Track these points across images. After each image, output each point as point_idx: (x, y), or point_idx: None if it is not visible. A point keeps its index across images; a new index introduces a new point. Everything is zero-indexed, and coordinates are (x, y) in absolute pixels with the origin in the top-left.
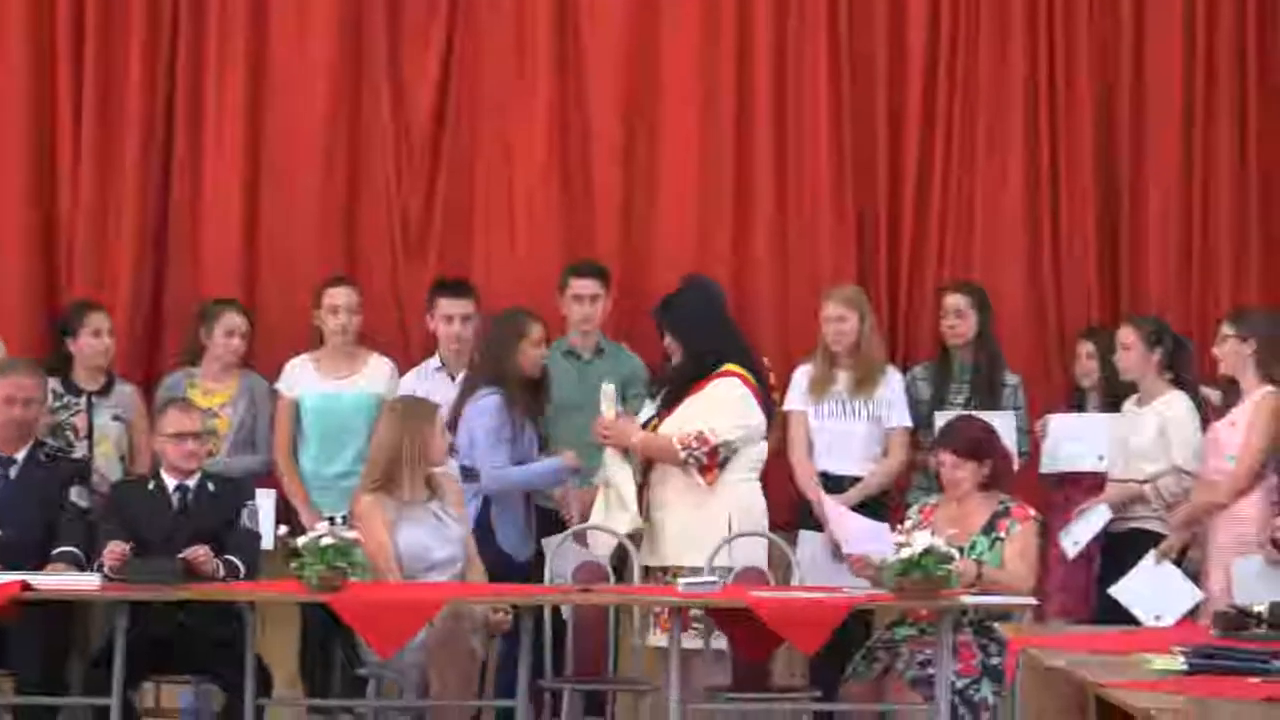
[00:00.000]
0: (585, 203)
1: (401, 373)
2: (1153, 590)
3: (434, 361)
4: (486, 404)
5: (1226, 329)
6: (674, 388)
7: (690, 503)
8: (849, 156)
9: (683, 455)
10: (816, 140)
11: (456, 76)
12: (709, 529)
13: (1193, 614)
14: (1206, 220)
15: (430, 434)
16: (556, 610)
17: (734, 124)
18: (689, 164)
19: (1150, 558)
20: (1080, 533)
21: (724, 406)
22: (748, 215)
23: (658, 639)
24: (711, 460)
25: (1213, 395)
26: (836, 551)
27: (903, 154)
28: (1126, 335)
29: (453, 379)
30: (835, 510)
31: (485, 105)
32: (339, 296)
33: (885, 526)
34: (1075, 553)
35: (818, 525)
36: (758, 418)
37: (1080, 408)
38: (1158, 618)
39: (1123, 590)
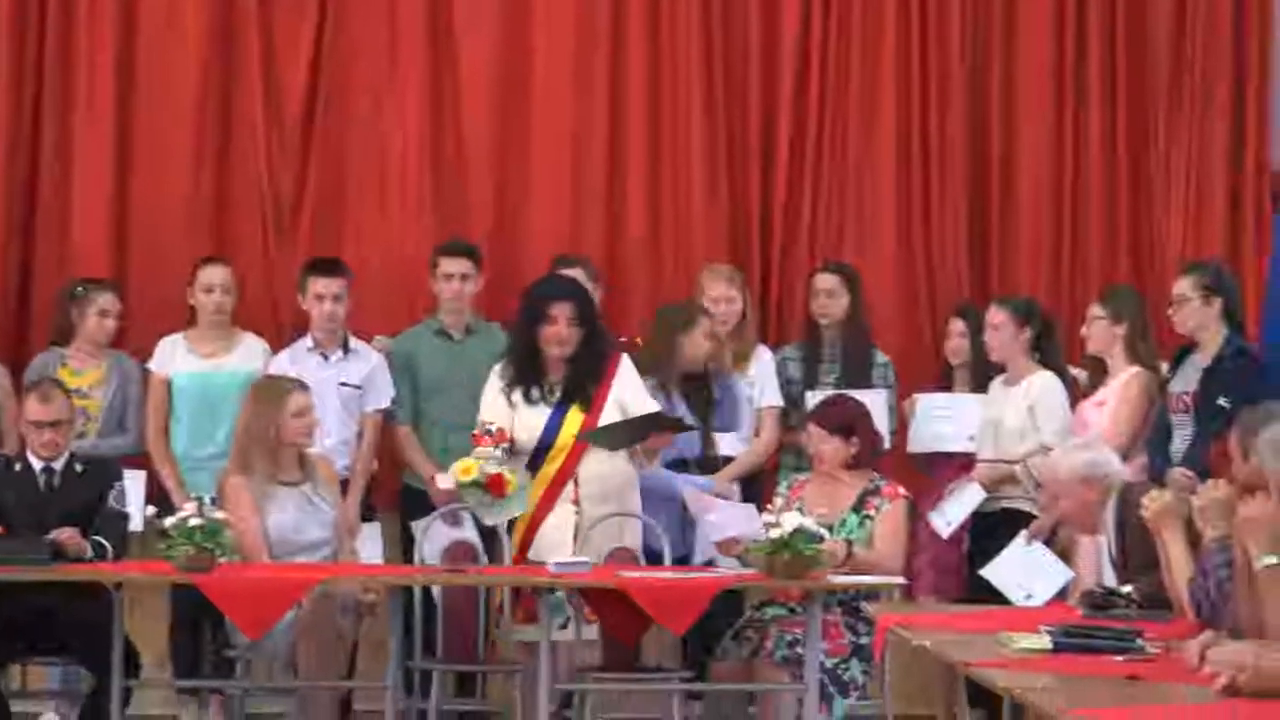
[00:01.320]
0: (458, 183)
1: (274, 353)
2: (1024, 570)
3: (306, 341)
4: None
5: (1097, 310)
6: (588, 380)
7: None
8: (722, 137)
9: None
10: (689, 121)
11: (329, 56)
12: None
13: (1062, 593)
14: (1076, 201)
15: (282, 415)
16: (427, 591)
17: (607, 104)
18: (562, 144)
19: (1021, 538)
20: (953, 512)
21: (643, 390)
22: (621, 196)
23: (522, 632)
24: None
25: (1080, 376)
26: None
27: (775, 134)
28: (995, 315)
29: (325, 359)
30: (699, 500)
31: (357, 85)
32: (214, 275)
33: (751, 509)
34: (949, 532)
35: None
36: None
37: (949, 386)
38: (1028, 597)
39: (994, 571)
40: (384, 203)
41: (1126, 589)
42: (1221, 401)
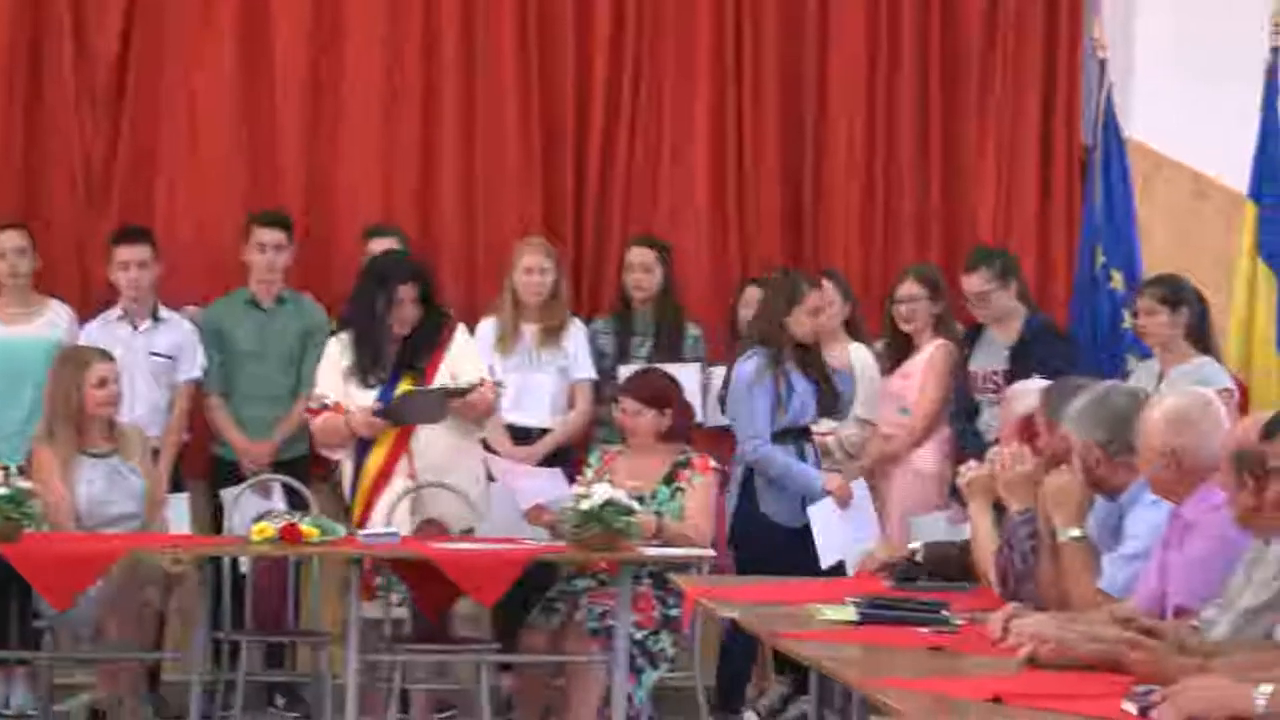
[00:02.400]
0: (269, 153)
1: (85, 321)
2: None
3: (116, 310)
4: (746, 366)
5: (912, 286)
6: (421, 352)
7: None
8: (536, 109)
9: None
10: (502, 92)
11: (140, 23)
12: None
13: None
14: (889, 176)
15: (84, 384)
16: (235, 562)
17: (420, 73)
18: (374, 113)
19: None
20: (840, 543)
21: (474, 352)
22: (434, 166)
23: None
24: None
25: (885, 348)
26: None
27: (589, 107)
28: (829, 290)
29: (134, 328)
30: (504, 467)
31: (168, 53)
32: (7, 240)
33: (558, 471)
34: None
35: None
36: None
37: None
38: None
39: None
40: (195, 171)
41: (912, 545)
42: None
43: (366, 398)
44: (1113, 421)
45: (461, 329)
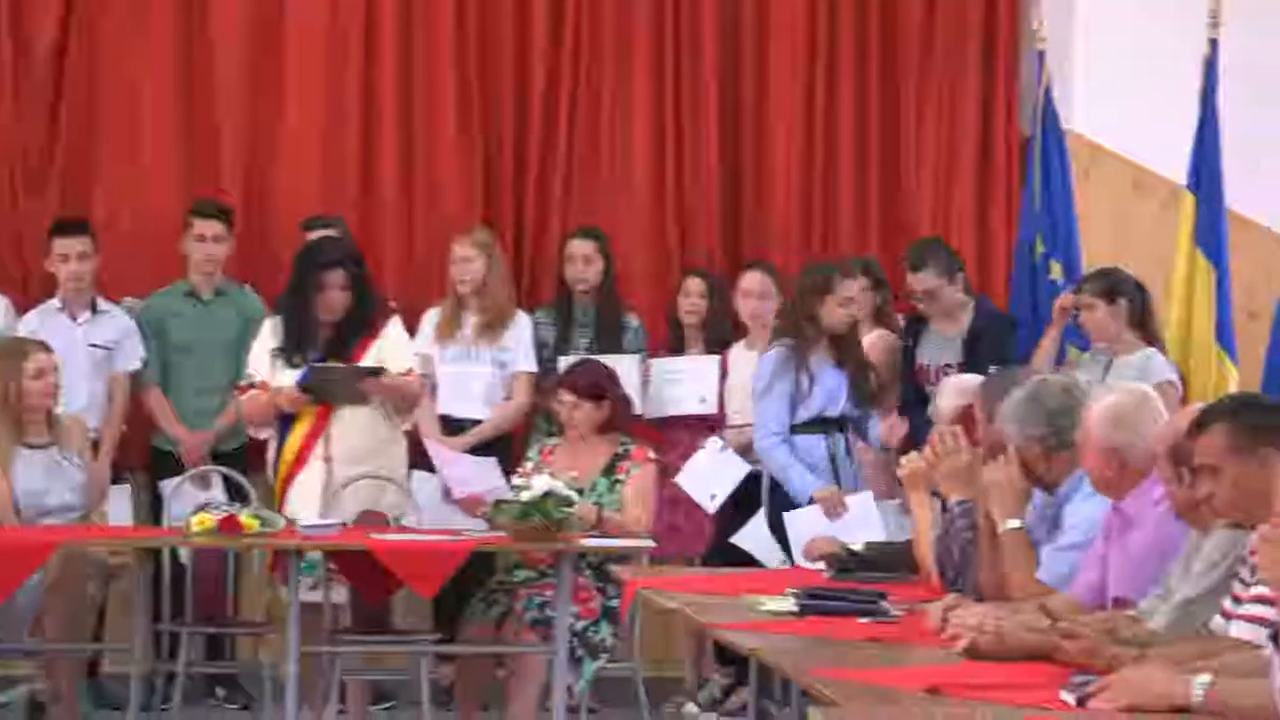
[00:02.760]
0: (208, 144)
1: (25, 311)
2: (710, 471)
3: (55, 302)
4: (767, 357)
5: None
6: (350, 340)
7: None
8: (476, 101)
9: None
10: (442, 83)
11: (78, 13)
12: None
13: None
14: (828, 167)
15: (21, 376)
16: (175, 553)
17: (360, 64)
18: (314, 104)
19: (713, 443)
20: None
21: (405, 342)
22: (374, 158)
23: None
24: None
25: None
26: (448, 493)
27: (528, 100)
28: (763, 281)
29: (73, 319)
30: (439, 453)
31: (107, 43)
32: None
33: (493, 461)
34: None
35: (432, 467)
36: None
37: (681, 349)
38: (713, 497)
39: (686, 478)
40: (134, 162)
41: (855, 546)
42: (992, 370)
43: (290, 378)
44: (1049, 417)
45: (396, 320)
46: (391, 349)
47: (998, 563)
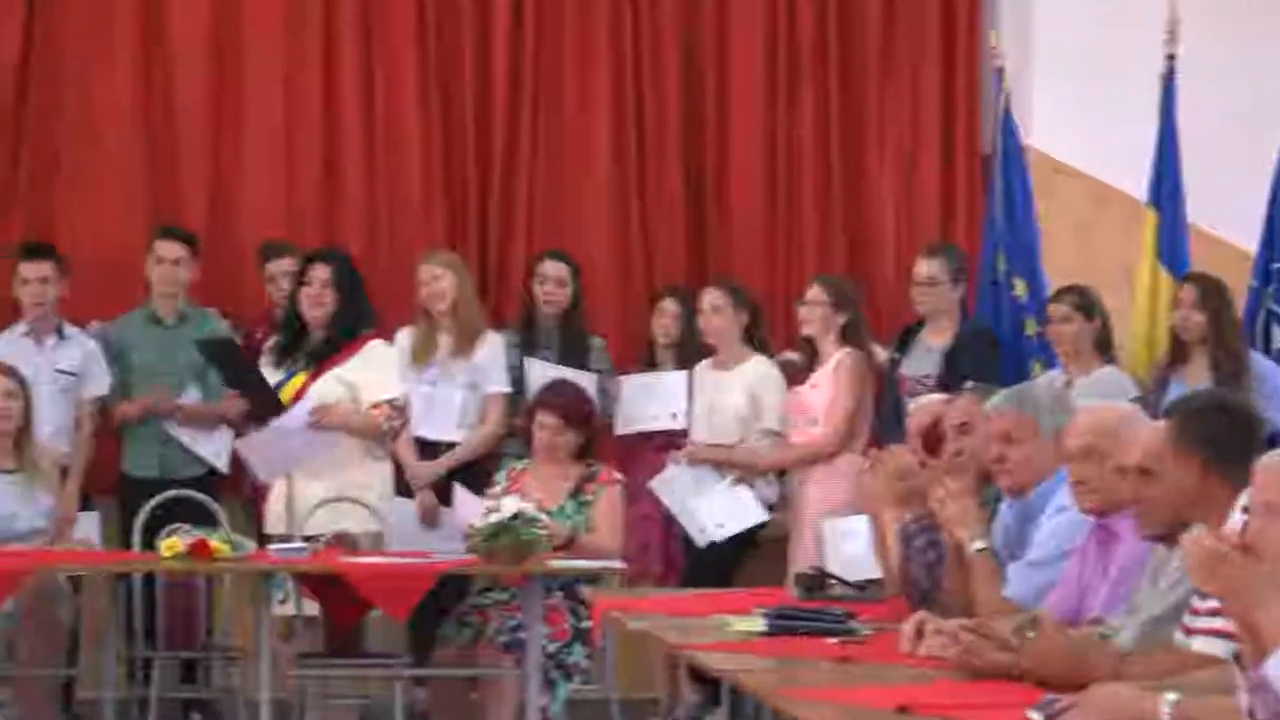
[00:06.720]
0: (171, 168)
1: None
2: (724, 504)
3: (20, 326)
4: None
5: (818, 293)
6: (325, 349)
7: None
8: (437, 124)
9: (385, 427)
10: (404, 106)
11: (39, 35)
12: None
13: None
14: (791, 183)
15: None
16: (149, 579)
17: (321, 87)
18: (275, 129)
19: (727, 480)
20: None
21: (389, 367)
22: (337, 182)
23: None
24: (403, 427)
25: (796, 359)
26: (427, 518)
27: (490, 120)
28: (717, 297)
29: (39, 344)
30: (462, 498)
31: (68, 66)
32: None
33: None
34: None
35: (408, 491)
36: None
37: (654, 367)
38: (720, 525)
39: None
40: (96, 186)
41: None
42: (969, 384)
43: (272, 377)
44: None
45: (377, 344)
46: (374, 375)
47: (966, 583)
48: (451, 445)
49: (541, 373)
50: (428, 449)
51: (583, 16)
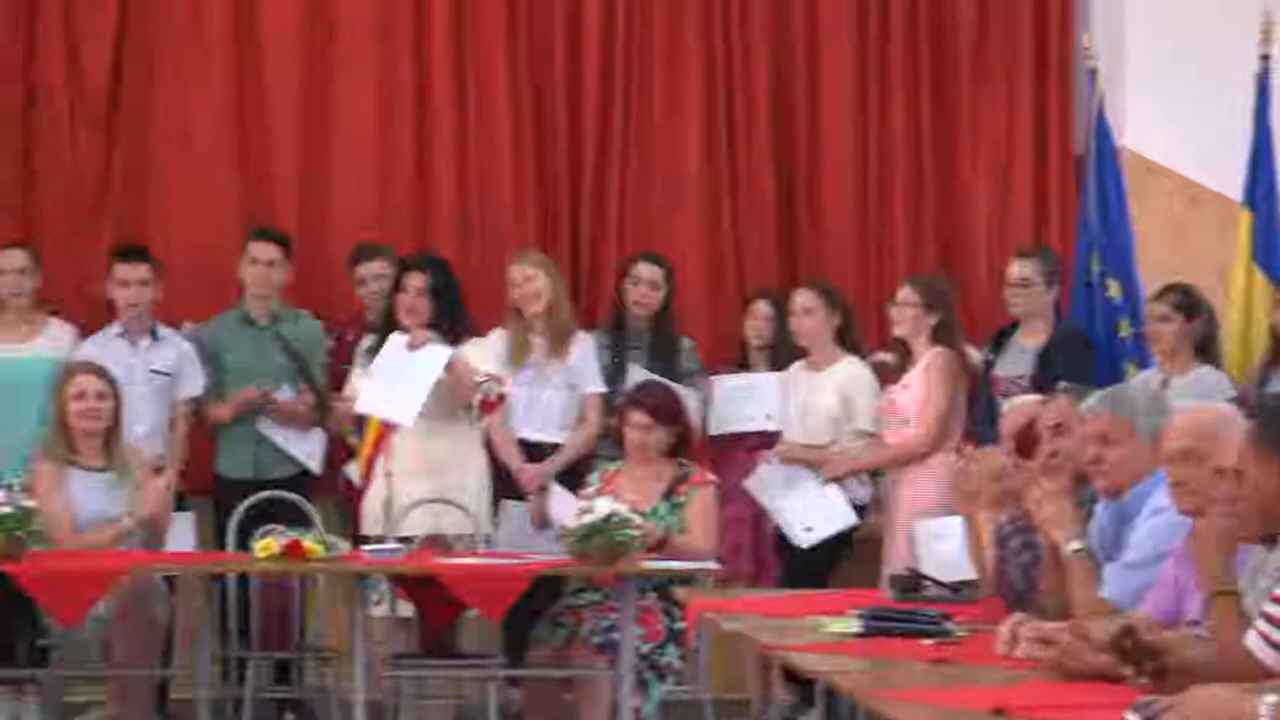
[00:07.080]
0: (263, 170)
1: (85, 338)
2: (814, 505)
3: (115, 328)
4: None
5: (909, 294)
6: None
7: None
8: (528, 124)
9: (490, 389)
10: (496, 108)
11: (131, 42)
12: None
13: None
14: (883, 188)
15: (65, 397)
16: (244, 579)
17: (413, 89)
18: (368, 130)
19: (816, 479)
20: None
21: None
22: (429, 183)
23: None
24: (499, 401)
25: (889, 359)
26: (538, 521)
27: (581, 120)
28: (808, 299)
29: (133, 345)
30: (561, 496)
31: (160, 71)
32: (10, 259)
33: None
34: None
35: (519, 495)
36: None
37: (747, 368)
38: (809, 529)
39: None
40: (188, 188)
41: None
42: (1062, 385)
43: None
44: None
45: (473, 340)
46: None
47: (1062, 584)
48: (555, 446)
49: (641, 378)
50: (532, 451)
51: (673, 16)
